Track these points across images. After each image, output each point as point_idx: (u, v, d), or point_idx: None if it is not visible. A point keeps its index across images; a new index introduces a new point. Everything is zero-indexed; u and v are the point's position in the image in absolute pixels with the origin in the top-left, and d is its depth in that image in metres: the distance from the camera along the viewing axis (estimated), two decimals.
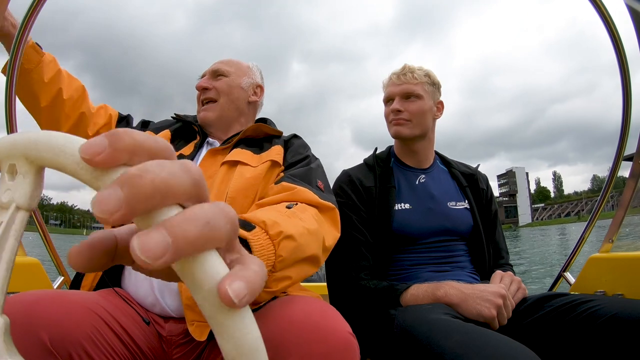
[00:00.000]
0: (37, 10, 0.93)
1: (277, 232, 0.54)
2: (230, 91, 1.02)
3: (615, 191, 20.68)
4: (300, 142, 1.01)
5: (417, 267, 1.06)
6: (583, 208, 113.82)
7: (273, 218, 0.55)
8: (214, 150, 0.92)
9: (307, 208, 0.70)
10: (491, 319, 0.84)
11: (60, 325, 0.53)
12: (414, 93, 1.14)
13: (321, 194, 0.78)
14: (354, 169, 1.21)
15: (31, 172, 0.21)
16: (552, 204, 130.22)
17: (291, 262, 0.56)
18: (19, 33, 0.91)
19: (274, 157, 0.89)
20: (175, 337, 0.72)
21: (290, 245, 0.55)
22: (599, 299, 0.81)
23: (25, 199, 0.21)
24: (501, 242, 1.21)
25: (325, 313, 0.57)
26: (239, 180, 0.83)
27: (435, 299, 0.90)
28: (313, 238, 0.63)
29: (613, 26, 1.19)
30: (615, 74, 1.28)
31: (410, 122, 1.13)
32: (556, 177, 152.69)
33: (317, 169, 0.90)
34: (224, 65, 1.04)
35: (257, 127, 0.98)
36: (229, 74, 1.03)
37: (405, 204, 1.11)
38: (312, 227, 0.64)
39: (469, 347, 0.63)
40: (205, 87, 1.01)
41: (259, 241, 0.51)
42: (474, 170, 1.26)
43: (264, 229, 0.53)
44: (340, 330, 0.55)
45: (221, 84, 1.02)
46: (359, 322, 1.02)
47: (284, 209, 0.65)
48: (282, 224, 0.55)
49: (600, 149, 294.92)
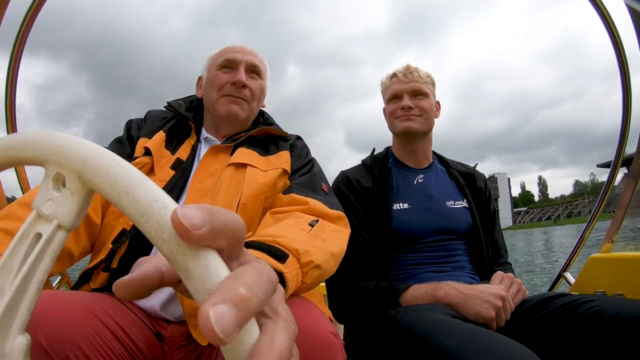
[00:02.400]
0: (37, 11, 0.94)
1: (308, 262, 0.57)
2: (260, 97, 0.98)
3: (596, 196, 20.99)
4: (302, 145, 0.99)
5: (417, 267, 1.06)
6: (561, 213, 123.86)
7: (305, 246, 0.58)
8: (217, 147, 0.88)
9: (325, 225, 0.72)
10: (490, 320, 0.84)
11: (57, 326, 0.53)
12: (422, 91, 1.16)
13: (329, 202, 0.80)
14: (351, 170, 1.21)
15: (82, 192, 0.19)
16: (535, 208, 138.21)
17: (311, 287, 0.60)
18: (19, 33, 0.91)
19: (284, 166, 0.88)
20: (177, 338, 0.72)
21: (316, 274, 0.59)
22: (600, 299, 0.81)
23: (70, 219, 0.19)
24: (500, 240, 1.21)
25: (308, 312, 0.58)
26: (251, 186, 0.80)
27: (435, 299, 0.90)
28: (335, 261, 0.67)
29: (613, 26, 1.19)
30: (603, 80, 1.28)
31: (421, 118, 1.15)
32: (541, 182, 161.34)
33: (319, 172, 0.91)
34: (259, 63, 0.97)
35: (265, 129, 0.95)
36: (263, 76, 0.98)
37: (403, 204, 1.11)
38: (335, 250, 0.67)
39: (469, 347, 0.63)
40: (245, 85, 0.92)
41: (292, 272, 0.54)
42: (472, 170, 1.26)
43: (297, 257, 0.56)
44: (323, 329, 0.55)
45: (256, 85, 0.95)
46: (358, 322, 1.02)
47: (306, 227, 0.67)
48: (312, 253, 0.58)
49: (590, 152, 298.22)
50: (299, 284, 0.55)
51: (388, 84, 1.21)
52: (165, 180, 0.81)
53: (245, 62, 0.94)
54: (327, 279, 1.11)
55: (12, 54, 0.91)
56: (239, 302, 0.18)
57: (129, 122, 0.96)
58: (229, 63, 0.94)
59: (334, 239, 0.70)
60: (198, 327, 0.67)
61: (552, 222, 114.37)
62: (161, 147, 0.86)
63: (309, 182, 0.85)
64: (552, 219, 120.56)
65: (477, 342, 0.64)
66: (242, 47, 0.98)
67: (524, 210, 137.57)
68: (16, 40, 0.90)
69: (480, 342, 0.64)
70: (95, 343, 0.56)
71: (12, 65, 0.93)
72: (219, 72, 0.94)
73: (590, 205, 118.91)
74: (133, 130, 0.93)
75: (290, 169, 0.89)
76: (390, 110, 1.19)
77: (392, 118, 1.18)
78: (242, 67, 0.93)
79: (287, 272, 0.52)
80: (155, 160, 0.83)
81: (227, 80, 0.92)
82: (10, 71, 0.93)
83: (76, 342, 0.54)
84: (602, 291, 1.18)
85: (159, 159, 0.84)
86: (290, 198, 0.79)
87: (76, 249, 0.74)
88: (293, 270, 0.54)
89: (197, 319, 0.17)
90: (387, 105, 1.21)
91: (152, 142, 0.86)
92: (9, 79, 0.95)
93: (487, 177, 10.51)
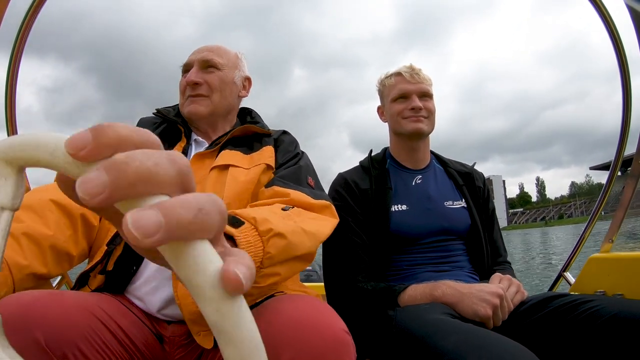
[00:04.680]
0: (37, 11, 0.94)
1: (267, 229, 0.54)
2: (223, 87, 0.94)
3: (589, 197, 20.78)
4: (289, 139, 0.98)
5: (416, 268, 1.06)
6: (555, 215, 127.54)
7: (264, 215, 0.55)
8: (201, 154, 0.88)
9: (302, 212, 0.70)
10: (487, 319, 0.84)
11: (55, 325, 0.53)
12: (429, 93, 1.17)
13: (313, 193, 0.78)
14: (349, 172, 1.20)
15: (13, 172, 0.21)
16: (530, 209, 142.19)
17: (281, 259, 0.56)
18: (19, 33, 0.91)
19: (267, 161, 0.87)
20: (178, 337, 0.72)
21: (280, 243, 0.55)
22: (600, 299, 0.81)
23: (8, 199, 0.22)
24: (499, 240, 1.20)
25: (320, 311, 0.58)
26: (232, 185, 0.80)
27: (432, 298, 0.90)
28: (308, 237, 0.63)
29: (613, 26, 1.19)
30: (605, 82, 1.29)
31: (428, 120, 1.16)
32: (539, 183, 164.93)
33: (306, 166, 0.89)
34: (215, 56, 0.95)
35: (246, 128, 0.94)
36: (222, 67, 0.95)
37: (402, 205, 1.10)
38: (308, 228, 0.64)
39: (467, 347, 0.63)
40: (196, 82, 0.91)
41: (247, 238, 0.51)
42: (470, 169, 1.25)
43: (254, 225, 0.53)
44: (336, 327, 0.55)
45: (214, 78, 0.93)
46: (357, 322, 1.02)
47: (279, 210, 0.65)
48: (273, 222, 0.55)
49: (593, 152, 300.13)
50: (261, 253, 0.52)
51: (392, 83, 1.19)
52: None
53: (197, 61, 0.94)
54: (326, 280, 1.10)
55: (12, 54, 0.92)
56: (166, 209, 0.17)
57: None
58: (186, 67, 0.96)
59: (309, 221, 0.67)
60: (201, 333, 0.67)
61: (543, 223, 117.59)
62: None
63: (293, 175, 0.83)
64: (545, 220, 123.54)
65: (475, 342, 0.64)
66: (199, 47, 0.99)
67: (520, 211, 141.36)
68: (16, 40, 0.91)
69: (479, 342, 0.64)
70: (93, 342, 0.56)
71: (12, 65, 0.93)
72: (181, 78, 0.97)
73: (583, 207, 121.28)
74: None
75: (275, 163, 0.88)
76: (397, 110, 1.17)
77: (399, 118, 1.16)
78: (195, 67, 0.94)
79: (240, 237, 0.50)
80: None
81: (185, 83, 0.94)
82: (10, 71, 0.93)
83: (74, 341, 0.54)
84: (602, 291, 1.18)
85: None
86: (272, 191, 0.77)
87: (74, 250, 0.74)
88: (249, 237, 0.51)
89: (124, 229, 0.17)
90: (392, 105, 1.19)
91: None
92: (9, 79, 0.95)
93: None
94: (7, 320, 0.49)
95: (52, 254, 0.69)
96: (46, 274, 0.68)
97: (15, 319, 0.50)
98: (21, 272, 0.62)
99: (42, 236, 0.67)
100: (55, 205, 0.72)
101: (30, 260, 0.64)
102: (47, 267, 0.67)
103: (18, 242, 0.64)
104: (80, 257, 0.77)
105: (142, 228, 0.16)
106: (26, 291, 0.57)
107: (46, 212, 0.70)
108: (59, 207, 0.72)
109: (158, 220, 0.17)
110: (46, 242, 0.68)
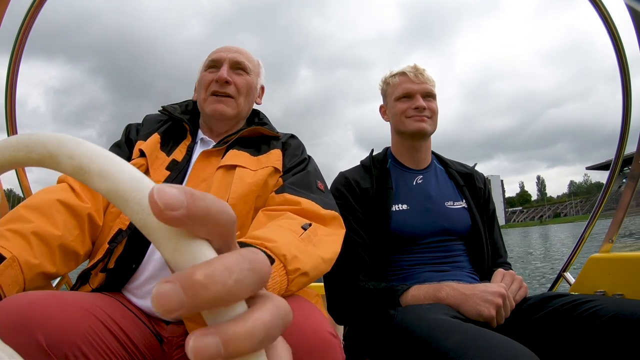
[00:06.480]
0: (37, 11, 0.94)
1: (295, 269, 0.55)
2: (248, 92, 0.96)
3: (585, 197, 20.64)
4: (296, 143, 0.99)
5: (416, 268, 1.06)
6: (551, 214, 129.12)
7: (293, 251, 0.57)
8: (208, 152, 0.89)
9: (318, 230, 0.71)
10: (490, 319, 0.84)
11: (56, 326, 0.53)
12: (432, 93, 1.17)
13: (323, 202, 0.79)
14: (350, 171, 1.21)
15: None
16: (529, 208, 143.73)
17: (295, 292, 0.59)
18: (19, 33, 0.91)
19: (274, 164, 0.88)
20: (176, 338, 0.72)
21: (303, 280, 0.58)
22: (600, 299, 0.81)
23: None
24: (499, 240, 1.20)
25: (307, 313, 0.58)
26: (239, 186, 0.81)
27: (437, 300, 0.90)
28: (326, 265, 0.66)
29: (613, 26, 1.19)
30: (609, 80, 1.29)
31: (431, 120, 1.16)
32: (540, 181, 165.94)
33: (314, 171, 0.90)
34: (245, 59, 0.97)
35: (255, 129, 0.95)
36: (250, 72, 0.97)
37: (402, 205, 1.10)
38: (327, 256, 0.66)
39: (469, 347, 0.63)
40: (227, 81, 0.92)
41: (275, 278, 0.53)
42: (471, 170, 1.26)
43: (283, 264, 0.55)
44: (322, 330, 0.55)
45: (242, 81, 0.95)
46: (357, 322, 1.02)
47: (298, 229, 0.66)
48: (301, 259, 0.57)
49: (597, 150, 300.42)
50: (283, 291, 0.54)
51: (396, 82, 1.19)
52: (160, 180, 0.81)
53: (229, 60, 0.95)
54: (326, 280, 1.11)
55: (12, 54, 0.92)
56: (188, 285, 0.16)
57: (128, 126, 0.98)
58: (214, 63, 0.96)
59: (326, 244, 0.69)
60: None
61: (538, 222, 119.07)
62: (156, 149, 0.88)
63: (302, 181, 0.84)
64: (541, 219, 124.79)
65: (476, 342, 0.64)
66: (227, 46, 0.99)
67: (519, 209, 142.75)
68: (16, 40, 0.91)
69: (480, 342, 0.64)
70: (94, 343, 0.56)
71: (12, 65, 0.93)
72: (205, 73, 0.96)
73: (578, 206, 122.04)
74: (132, 134, 0.95)
75: (282, 167, 0.89)
76: (400, 109, 1.17)
77: (402, 117, 1.16)
78: (225, 65, 0.94)
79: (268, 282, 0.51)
80: (150, 162, 0.84)
81: (212, 78, 0.94)
82: (10, 71, 0.93)
83: (75, 342, 0.54)
84: (602, 291, 1.18)
85: (153, 160, 0.85)
86: (282, 198, 0.78)
87: (81, 249, 0.74)
88: (277, 277, 0.53)
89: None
90: (395, 103, 1.19)
91: (146, 144, 0.87)
92: (9, 79, 0.95)
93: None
94: (7, 321, 0.49)
95: (60, 253, 0.69)
96: (55, 274, 0.68)
97: (16, 320, 0.50)
98: (32, 272, 0.63)
99: (51, 236, 0.68)
100: (63, 205, 0.73)
101: (41, 259, 0.65)
102: (56, 267, 0.68)
103: (28, 242, 0.64)
104: (86, 256, 0.78)
105: (199, 352, 0.16)
106: (26, 292, 0.57)
107: (54, 213, 0.71)
108: (66, 207, 0.73)
109: (217, 350, 0.16)
110: (55, 242, 0.68)
